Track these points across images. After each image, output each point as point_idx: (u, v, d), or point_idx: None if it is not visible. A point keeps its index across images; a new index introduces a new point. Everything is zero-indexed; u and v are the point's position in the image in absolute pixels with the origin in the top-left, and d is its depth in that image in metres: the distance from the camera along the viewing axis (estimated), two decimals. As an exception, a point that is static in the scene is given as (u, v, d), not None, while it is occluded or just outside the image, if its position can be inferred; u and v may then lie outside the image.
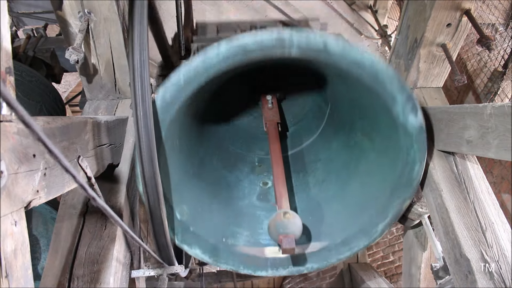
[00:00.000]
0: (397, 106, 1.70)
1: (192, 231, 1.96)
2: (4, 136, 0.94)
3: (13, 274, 0.94)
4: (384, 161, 2.00)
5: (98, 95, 2.37)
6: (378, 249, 6.49)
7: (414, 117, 1.72)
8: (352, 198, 2.17)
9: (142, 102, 1.40)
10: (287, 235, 1.67)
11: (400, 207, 1.95)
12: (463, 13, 2.15)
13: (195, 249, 1.96)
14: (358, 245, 2.01)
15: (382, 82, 1.66)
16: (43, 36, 3.82)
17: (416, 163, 1.84)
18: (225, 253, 2.02)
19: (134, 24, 1.39)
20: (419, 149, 1.80)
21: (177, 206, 1.93)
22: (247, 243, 2.10)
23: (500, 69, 3.77)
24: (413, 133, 1.76)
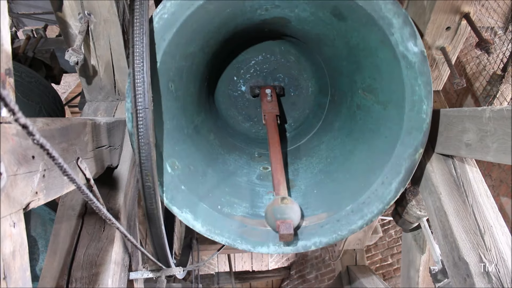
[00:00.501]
0: (395, 33, 1.63)
1: (183, 189, 1.83)
2: (4, 138, 0.94)
3: (11, 275, 0.94)
4: (390, 111, 1.91)
5: (97, 96, 2.37)
6: (376, 252, 6.49)
7: (413, 43, 1.65)
8: (359, 164, 2.07)
9: (142, 103, 1.40)
10: (285, 221, 1.61)
11: (413, 159, 1.84)
12: (462, 17, 2.16)
13: (186, 213, 1.82)
14: (371, 210, 1.87)
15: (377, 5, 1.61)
16: (43, 37, 3.82)
17: (423, 101, 1.75)
18: (221, 221, 1.87)
19: (134, 25, 1.40)
20: (424, 84, 1.71)
21: (167, 158, 1.81)
22: (246, 214, 1.96)
23: (499, 72, 3.78)
24: (415, 62, 1.68)
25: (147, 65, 1.40)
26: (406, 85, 1.76)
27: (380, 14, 1.67)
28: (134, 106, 1.40)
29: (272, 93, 2.54)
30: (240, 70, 2.71)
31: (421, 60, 1.70)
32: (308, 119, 2.79)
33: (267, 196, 2.14)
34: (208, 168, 2.16)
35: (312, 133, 2.64)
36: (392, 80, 1.83)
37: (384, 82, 1.92)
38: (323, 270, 7.40)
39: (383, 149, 1.94)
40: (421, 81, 1.73)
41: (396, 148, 1.87)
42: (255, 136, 2.81)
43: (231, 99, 2.78)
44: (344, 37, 2.03)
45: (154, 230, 1.57)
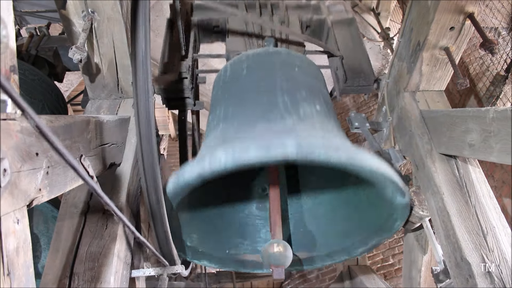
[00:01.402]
0: (388, 192, 1.75)
1: (201, 251, 2.14)
2: (8, 134, 0.95)
3: (15, 272, 0.94)
4: (371, 208, 2.07)
5: (100, 94, 2.37)
6: (378, 252, 6.48)
7: (401, 198, 1.75)
8: (339, 223, 2.29)
9: (144, 102, 1.40)
10: (278, 266, 1.85)
11: (379, 241, 2.09)
12: (467, 17, 2.15)
13: (203, 261, 2.18)
14: (340, 258, 2.21)
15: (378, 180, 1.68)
16: (46, 35, 3.82)
17: (397, 221, 1.91)
18: (229, 261, 2.24)
19: (137, 24, 1.39)
20: (402, 216, 1.88)
21: (187, 237, 2.06)
22: (247, 251, 2.31)
23: (502, 73, 3.77)
24: (399, 208, 1.81)
25: (148, 63, 1.40)
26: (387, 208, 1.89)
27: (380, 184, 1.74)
28: (136, 100, 1.40)
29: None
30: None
31: (404, 207, 1.81)
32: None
33: (264, 229, 2.43)
34: (218, 219, 2.36)
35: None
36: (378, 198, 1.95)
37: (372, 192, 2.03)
38: (324, 270, 7.40)
39: (358, 225, 2.16)
40: (400, 214, 1.87)
41: (368, 231, 2.08)
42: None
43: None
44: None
45: (158, 227, 1.58)
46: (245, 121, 1.93)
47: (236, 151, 1.48)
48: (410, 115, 2.37)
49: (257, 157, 1.45)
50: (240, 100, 2.13)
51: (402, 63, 2.52)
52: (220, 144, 1.77)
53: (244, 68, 2.32)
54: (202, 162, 1.52)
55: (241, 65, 2.35)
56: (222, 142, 1.81)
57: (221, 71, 2.48)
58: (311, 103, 2.05)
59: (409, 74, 2.43)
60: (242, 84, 2.24)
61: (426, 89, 2.47)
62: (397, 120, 2.57)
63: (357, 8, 6.36)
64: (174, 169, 9.38)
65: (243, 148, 1.48)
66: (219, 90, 2.36)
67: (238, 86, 2.25)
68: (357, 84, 2.69)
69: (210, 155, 1.52)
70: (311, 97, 2.11)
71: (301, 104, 2.00)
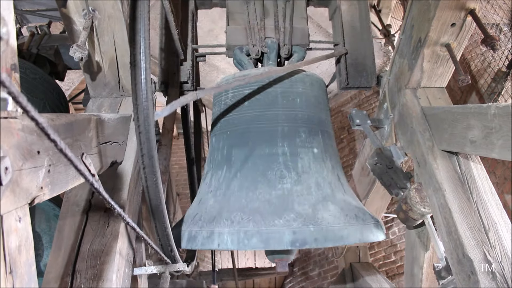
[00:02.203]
0: None
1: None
2: (9, 133, 0.95)
3: (17, 270, 0.94)
4: None
5: (101, 92, 2.37)
6: (380, 249, 6.49)
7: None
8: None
9: (144, 100, 1.40)
10: (281, 259, 1.96)
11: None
12: (468, 13, 2.14)
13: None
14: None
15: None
16: (47, 34, 3.83)
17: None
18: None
19: (136, 23, 1.39)
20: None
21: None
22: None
23: (504, 69, 3.76)
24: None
25: (148, 62, 1.40)
26: None
27: None
28: (135, 100, 1.40)
29: None
30: None
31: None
32: None
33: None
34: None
35: None
36: None
37: None
38: (326, 267, 7.41)
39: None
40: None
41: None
42: None
43: None
44: None
45: (159, 225, 1.58)
46: (248, 176, 2.11)
47: (241, 239, 1.84)
48: (412, 112, 2.36)
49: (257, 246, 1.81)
50: (243, 142, 2.25)
51: (403, 60, 2.51)
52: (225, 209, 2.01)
53: (245, 99, 2.34)
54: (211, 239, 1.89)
55: (242, 90, 2.36)
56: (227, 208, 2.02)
57: (223, 94, 2.46)
58: (309, 147, 2.24)
59: (410, 71, 2.42)
60: (244, 121, 2.30)
61: (428, 85, 2.46)
62: (398, 117, 2.56)
63: (358, 5, 6.33)
64: (175, 167, 9.27)
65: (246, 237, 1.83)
66: (220, 115, 2.41)
67: (240, 123, 2.32)
68: (358, 84, 2.70)
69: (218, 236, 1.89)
70: (310, 139, 2.27)
71: (299, 154, 2.18)
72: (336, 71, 2.89)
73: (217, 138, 2.36)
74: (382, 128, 2.81)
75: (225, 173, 2.17)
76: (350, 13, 2.87)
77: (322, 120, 2.39)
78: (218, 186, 2.15)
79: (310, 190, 2.05)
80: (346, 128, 7.78)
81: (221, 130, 2.35)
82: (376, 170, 2.46)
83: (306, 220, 1.88)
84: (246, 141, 2.22)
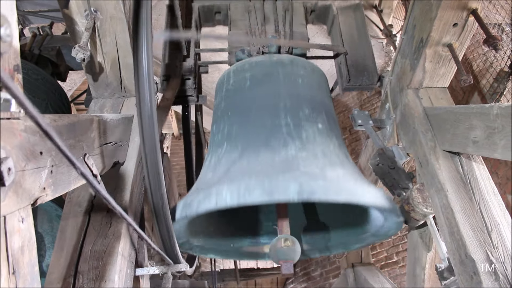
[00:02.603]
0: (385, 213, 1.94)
1: (207, 248, 2.25)
2: (12, 134, 0.95)
3: (20, 270, 0.95)
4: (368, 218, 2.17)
5: (103, 93, 2.38)
6: (381, 250, 6.48)
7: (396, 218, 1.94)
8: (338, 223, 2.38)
9: (147, 101, 1.40)
10: (287, 261, 1.86)
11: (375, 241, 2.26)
12: (470, 13, 2.14)
13: (210, 254, 2.29)
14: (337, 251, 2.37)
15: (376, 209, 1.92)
16: (49, 35, 3.83)
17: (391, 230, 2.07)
18: (232, 253, 2.39)
19: (139, 23, 1.39)
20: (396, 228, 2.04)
21: (194, 239, 2.16)
22: (250, 243, 2.40)
23: (506, 69, 3.76)
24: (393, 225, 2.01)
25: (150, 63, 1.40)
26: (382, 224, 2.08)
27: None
28: (138, 102, 1.40)
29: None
30: None
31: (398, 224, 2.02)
32: None
33: (267, 223, 2.48)
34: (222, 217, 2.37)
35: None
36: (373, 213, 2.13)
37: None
38: (328, 268, 7.40)
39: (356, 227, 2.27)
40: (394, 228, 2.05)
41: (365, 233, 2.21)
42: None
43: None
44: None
45: (161, 226, 1.58)
46: (249, 146, 1.99)
47: (241, 192, 1.61)
48: (414, 112, 2.36)
49: (261, 199, 1.58)
50: (244, 118, 2.17)
51: (405, 60, 2.51)
52: (224, 175, 1.87)
53: (247, 79, 2.32)
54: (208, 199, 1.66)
55: (244, 74, 2.35)
56: (226, 174, 1.89)
57: (223, 76, 2.47)
58: (313, 122, 2.12)
59: (412, 71, 2.42)
60: (246, 98, 2.26)
61: (430, 86, 2.46)
62: (400, 117, 2.56)
63: (359, 6, 6.33)
64: (177, 167, 9.27)
65: (247, 190, 1.61)
66: (222, 101, 2.37)
67: (242, 101, 2.26)
68: (360, 83, 2.69)
69: (216, 193, 1.65)
70: (314, 115, 2.16)
71: (303, 126, 2.06)
72: (337, 72, 2.89)
73: (218, 122, 2.27)
74: (384, 128, 2.81)
75: (225, 148, 2.06)
76: (347, 23, 2.91)
77: (326, 103, 2.32)
78: (218, 161, 2.04)
79: (317, 156, 1.91)
80: (348, 129, 7.78)
81: (222, 113, 2.28)
82: (378, 171, 2.46)
83: (314, 176, 1.74)
84: (248, 117, 2.14)
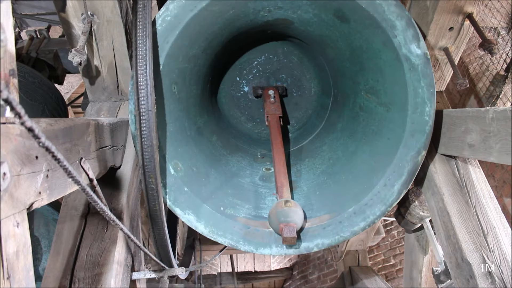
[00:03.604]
0: (398, 35, 1.62)
1: (186, 191, 1.85)
2: (7, 138, 0.95)
3: (15, 275, 0.94)
4: (393, 113, 1.91)
5: (100, 97, 2.37)
6: (379, 252, 6.47)
7: (416, 45, 1.63)
8: (362, 166, 2.08)
9: (145, 104, 1.40)
10: (288, 224, 1.61)
11: (415, 161, 1.85)
12: (465, 17, 2.15)
13: (189, 215, 1.84)
14: (373, 212, 1.88)
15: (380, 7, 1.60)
16: (46, 38, 3.83)
17: (426, 103, 1.75)
18: (223, 223, 1.88)
19: (138, 24, 1.40)
20: (427, 86, 1.71)
21: (171, 160, 1.83)
22: (249, 215, 1.98)
23: (502, 72, 3.76)
24: (418, 64, 1.67)
25: (150, 68, 1.40)
26: (409, 87, 1.75)
27: (383, 16, 1.65)
28: (137, 108, 1.40)
29: (275, 94, 2.54)
30: (243, 71, 2.72)
31: (424, 63, 1.69)
32: (310, 120, 2.79)
33: (270, 197, 2.16)
34: (211, 169, 2.19)
35: (315, 134, 2.64)
36: (395, 82, 1.82)
37: (387, 84, 1.92)
38: (325, 271, 7.39)
39: (386, 151, 1.95)
40: (424, 83, 1.72)
41: (399, 150, 1.87)
42: (258, 137, 2.81)
43: (233, 100, 2.79)
44: (347, 38, 2.02)
45: (157, 230, 1.58)
46: None
47: None
48: (410, 115, 2.36)
49: None
50: None
51: (402, 63, 2.52)
52: None
53: None
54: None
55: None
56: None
57: None
58: None
59: (408, 74, 2.43)
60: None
61: (426, 89, 2.47)
62: (397, 120, 2.57)
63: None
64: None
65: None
66: None
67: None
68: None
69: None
70: None
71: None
72: None
73: None
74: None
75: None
76: None
77: None
78: None
79: None
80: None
81: None
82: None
83: None
84: None
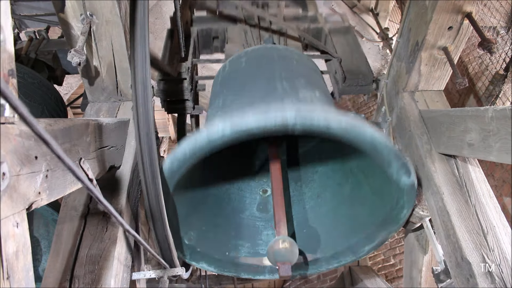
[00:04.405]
0: (392, 169, 1.73)
1: (199, 251, 2.12)
2: (6, 138, 0.95)
3: (15, 276, 0.94)
4: (376, 198, 2.06)
5: (99, 97, 2.37)
6: (379, 252, 6.48)
7: (407, 178, 1.74)
8: (343, 220, 2.27)
9: (143, 104, 1.40)
10: (284, 263, 1.81)
11: (386, 237, 2.07)
12: (465, 16, 2.15)
13: (202, 264, 2.14)
14: (345, 259, 2.18)
15: (380, 152, 1.67)
16: (45, 38, 3.83)
17: (404, 209, 1.89)
18: (228, 264, 2.21)
19: (136, 26, 1.39)
20: (409, 200, 1.85)
21: (185, 234, 2.06)
22: (248, 254, 2.27)
23: (501, 72, 3.77)
24: (405, 189, 1.79)
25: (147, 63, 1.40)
26: (392, 195, 1.88)
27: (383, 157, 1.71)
28: (136, 108, 1.40)
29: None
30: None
31: (410, 188, 1.79)
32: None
33: (266, 231, 2.41)
34: (218, 217, 2.33)
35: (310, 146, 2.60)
36: (382, 185, 1.94)
37: (375, 179, 2.04)
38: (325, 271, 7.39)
39: (363, 220, 2.14)
40: (406, 199, 1.84)
41: (374, 225, 2.06)
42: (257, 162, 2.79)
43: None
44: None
45: (158, 229, 1.58)
46: (244, 104, 1.90)
47: (234, 118, 1.45)
48: (409, 115, 2.37)
49: (256, 122, 1.41)
50: (239, 88, 2.12)
51: (401, 63, 2.52)
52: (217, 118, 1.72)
53: (243, 62, 2.33)
54: (200, 132, 1.50)
55: (240, 59, 2.37)
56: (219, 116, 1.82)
57: (220, 68, 2.49)
58: (310, 90, 2.03)
59: (408, 74, 2.43)
60: (241, 74, 2.25)
61: (425, 89, 2.47)
62: (396, 120, 2.57)
63: (355, 9, 6.36)
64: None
65: (241, 115, 1.45)
66: (218, 86, 2.36)
67: (237, 78, 2.25)
68: (356, 83, 2.69)
69: (208, 126, 1.50)
70: (310, 86, 2.09)
71: (300, 90, 1.97)
72: (332, 79, 2.91)
73: (213, 101, 2.24)
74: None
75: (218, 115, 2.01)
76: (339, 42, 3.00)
77: (320, 83, 2.29)
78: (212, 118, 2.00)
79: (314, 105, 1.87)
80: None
81: (217, 94, 2.26)
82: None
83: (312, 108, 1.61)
84: (243, 87, 2.11)
